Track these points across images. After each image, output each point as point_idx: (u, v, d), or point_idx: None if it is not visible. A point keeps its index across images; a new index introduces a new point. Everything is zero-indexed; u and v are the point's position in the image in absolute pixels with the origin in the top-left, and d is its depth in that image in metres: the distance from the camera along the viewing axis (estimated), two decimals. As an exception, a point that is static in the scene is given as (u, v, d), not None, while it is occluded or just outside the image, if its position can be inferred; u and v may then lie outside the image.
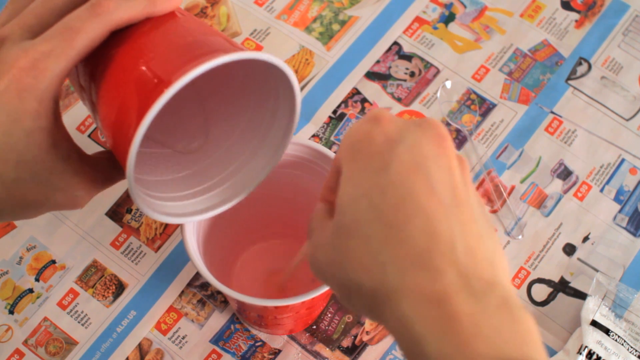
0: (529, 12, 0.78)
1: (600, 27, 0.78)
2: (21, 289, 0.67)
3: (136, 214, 0.69)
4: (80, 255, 0.68)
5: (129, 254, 0.68)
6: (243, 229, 0.64)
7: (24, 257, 0.68)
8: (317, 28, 0.77)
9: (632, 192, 0.71)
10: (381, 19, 0.78)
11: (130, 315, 0.66)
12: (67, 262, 0.68)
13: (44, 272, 0.67)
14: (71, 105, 0.73)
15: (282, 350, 0.65)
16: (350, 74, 0.75)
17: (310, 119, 0.73)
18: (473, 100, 0.74)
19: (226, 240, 0.63)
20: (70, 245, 0.68)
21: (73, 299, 0.66)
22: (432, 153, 0.39)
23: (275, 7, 0.78)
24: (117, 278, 0.67)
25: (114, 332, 0.65)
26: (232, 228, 0.63)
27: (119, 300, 0.66)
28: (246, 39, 0.77)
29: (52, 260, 0.68)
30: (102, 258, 0.68)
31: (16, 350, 0.65)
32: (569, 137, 0.73)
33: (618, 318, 0.65)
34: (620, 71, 0.76)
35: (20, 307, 0.66)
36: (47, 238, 0.68)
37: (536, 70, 0.76)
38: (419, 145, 0.39)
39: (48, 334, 0.65)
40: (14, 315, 0.66)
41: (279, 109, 0.51)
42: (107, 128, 0.46)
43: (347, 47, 0.77)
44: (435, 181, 0.38)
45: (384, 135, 0.40)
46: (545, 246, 0.69)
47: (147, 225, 0.69)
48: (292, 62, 0.76)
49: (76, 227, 0.69)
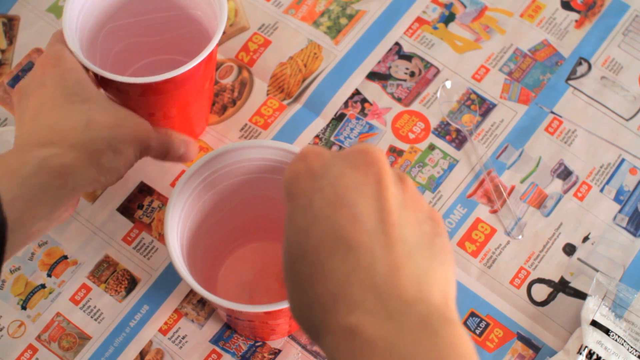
0: (529, 12, 0.78)
1: (600, 27, 0.78)
2: (33, 284, 0.67)
3: (147, 209, 0.69)
4: (92, 251, 0.68)
5: (141, 249, 0.68)
6: (226, 234, 0.64)
7: (35, 253, 0.68)
8: (325, 22, 0.77)
9: (632, 192, 0.71)
10: (388, 12, 0.78)
11: (143, 310, 0.66)
12: (79, 258, 0.68)
13: (56, 268, 0.67)
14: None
15: (282, 350, 0.65)
16: (356, 71, 0.75)
17: (320, 113, 0.73)
18: (473, 100, 0.74)
19: (209, 249, 0.63)
20: (81, 241, 0.68)
21: (85, 294, 0.67)
22: (356, 182, 0.40)
23: (282, 2, 0.78)
24: (129, 273, 0.67)
25: (127, 327, 0.65)
26: (215, 235, 0.62)
27: (131, 295, 0.67)
28: (254, 33, 0.77)
29: (64, 255, 0.68)
30: (114, 253, 0.68)
31: (29, 345, 0.65)
32: (569, 137, 0.73)
33: (618, 318, 0.65)
34: (620, 71, 0.76)
35: (33, 302, 0.66)
36: (59, 234, 0.68)
37: (536, 70, 0.76)
38: (341, 177, 0.40)
39: (61, 329, 0.65)
40: (26, 310, 0.66)
41: None
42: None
43: (355, 41, 0.77)
44: (358, 210, 0.39)
45: (309, 173, 0.41)
46: (545, 246, 0.69)
47: (158, 220, 0.69)
48: (300, 56, 0.76)
49: (87, 223, 0.69)
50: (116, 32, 0.68)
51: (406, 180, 0.41)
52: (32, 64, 0.74)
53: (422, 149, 0.72)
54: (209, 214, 0.60)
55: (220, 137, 0.72)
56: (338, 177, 0.40)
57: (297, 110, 0.74)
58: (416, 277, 0.38)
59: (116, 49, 0.69)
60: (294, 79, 0.75)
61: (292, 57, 0.76)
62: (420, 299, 0.37)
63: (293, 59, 0.76)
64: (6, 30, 0.76)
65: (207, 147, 0.72)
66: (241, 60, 0.76)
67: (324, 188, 0.40)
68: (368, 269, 0.37)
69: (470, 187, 0.71)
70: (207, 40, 0.61)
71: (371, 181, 0.40)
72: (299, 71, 0.75)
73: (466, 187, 0.71)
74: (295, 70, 0.75)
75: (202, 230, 0.60)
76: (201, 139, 0.72)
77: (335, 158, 0.41)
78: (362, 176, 0.40)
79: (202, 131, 0.72)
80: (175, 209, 0.55)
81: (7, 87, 0.74)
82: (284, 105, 0.74)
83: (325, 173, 0.40)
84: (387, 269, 0.37)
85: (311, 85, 0.75)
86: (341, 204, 0.39)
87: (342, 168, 0.40)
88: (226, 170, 0.58)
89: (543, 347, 0.65)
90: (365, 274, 0.37)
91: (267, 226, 0.64)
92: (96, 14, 0.65)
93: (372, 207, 0.39)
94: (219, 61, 0.75)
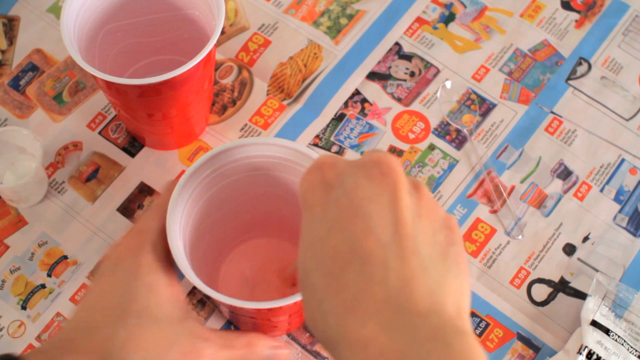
0: (529, 12, 0.78)
1: (600, 27, 0.77)
2: (33, 284, 0.67)
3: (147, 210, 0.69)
4: (92, 251, 0.68)
5: (140, 250, 0.68)
6: (228, 231, 0.64)
7: (35, 253, 0.68)
8: (325, 22, 0.77)
9: (632, 192, 0.71)
10: (388, 12, 0.78)
11: (141, 310, 0.66)
12: (78, 258, 0.68)
13: (55, 268, 0.67)
14: (81, 102, 0.73)
15: (282, 350, 0.65)
16: (356, 71, 0.75)
17: (320, 113, 0.73)
18: (473, 100, 0.74)
19: (212, 245, 0.63)
20: (81, 241, 0.68)
21: (86, 294, 0.67)
22: (372, 192, 0.40)
23: (282, 2, 0.78)
24: (129, 273, 0.67)
25: (126, 328, 0.65)
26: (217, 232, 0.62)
27: (129, 295, 0.66)
28: (254, 33, 0.77)
29: (64, 255, 0.68)
30: (114, 254, 0.68)
31: (29, 345, 0.65)
32: (569, 137, 0.73)
33: (618, 318, 0.65)
34: (620, 71, 0.76)
35: (33, 302, 0.66)
36: (59, 234, 0.68)
37: (536, 70, 0.76)
38: (357, 187, 0.40)
39: (61, 329, 0.65)
40: (26, 310, 0.66)
41: None
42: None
43: (356, 41, 0.77)
44: (373, 222, 0.39)
45: (324, 184, 0.41)
46: (545, 246, 0.69)
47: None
48: (300, 56, 0.76)
49: (87, 223, 0.69)
50: (115, 33, 0.68)
51: (422, 188, 0.41)
52: (32, 65, 0.75)
53: (422, 149, 0.72)
54: (211, 212, 0.60)
55: (220, 137, 0.72)
56: (353, 187, 0.40)
57: (297, 110, 0.74)
58: (429, 290, 0.38)
59: (115, 50, 0.69)
60: (294, 79, 0.75)
61: (292, 57, 0.76)
62: (433, 311, 0.38)
63: (293, 59, 0.76)
64: (6, 31, 0.76)
65: (207, 147, 0.72)
66: (241, 60, 0.76)
67: (339, 199, 0.40)
68: (382, 281, 0.38)
69: (470, 187, 0.71)
70: (205, 41, 0.61)
71: (386, 191, 0.40)
72: (299, 71, 0.75)
73: (466, 187, 0.71)
74: (295, 70, 0.75)
75: (204, 227, 0.60)
76: (201, 139, 0.72)
77: (350, 168, 0.41)
78: (377, 186, 0.40)
79: (202, 131, 0.72)
80: (177, 207, 0.55)
81: (8, 88, 0.74)
82: (284, 105, 0.74)
83: (340, 183, 0.41)
84: (401, 282, 0.38)
85: (311, 85, 0.75)
86: (356, 214, 0.39)
87: (357, 178, 0.40)
88: (228, 168, 0.58)
89: (543, 347, 0.65)
90: (379, 286, 0.38)
91: (269, 223, 0.64)
92: (94, 15, 0.65)
93: (386, 219, 0.39)
94: (219, 61, 0.75)
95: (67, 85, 0.74)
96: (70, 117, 0.73)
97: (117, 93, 0.62)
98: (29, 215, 0.69)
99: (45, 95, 0.73)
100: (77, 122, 0.73)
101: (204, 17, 0.66)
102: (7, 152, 0.68)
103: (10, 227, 0.69)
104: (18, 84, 0.74)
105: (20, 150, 0.68)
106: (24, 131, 0.67)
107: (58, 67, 0.74)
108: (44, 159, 0.71)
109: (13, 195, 0.67)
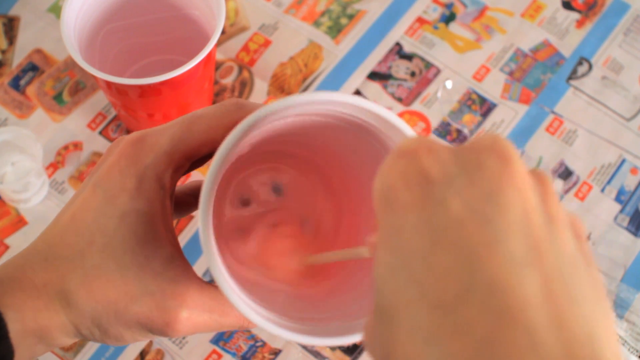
0: (530, 12, 0.78)
1: (601, 27, 0.77)
2: (28, 287, 0.67)
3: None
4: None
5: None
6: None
7: (31, 254, 0.68)
8: (326, 22, 0.77)
9: (633, 192, 0.71)
10: (389, 12, 0.78)
11: (144, 308, 0.66)
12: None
13: (53, 269, 0.67)
14: (81, 102, 0.73)
15: (282, 350, 0.65)
16: (357, 71, 0.75)
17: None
18: (474, 100, 0.74)
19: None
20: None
21: (83, 295, 0.66)
22: (493, 188, 0.29)
23: (283, 2, 0.78)
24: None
25: (125, 327, 0.65)
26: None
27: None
28: (255, 33, 0.77)
29: None
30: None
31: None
32: (570, 137, 0.73)
33: (619, 318, 0.65)
34: (621, 71, 0.76)
35: (26, 305, 0.66)
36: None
37: (537, 70, 0.76)
38: (473, 183, 0.29)
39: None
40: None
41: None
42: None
43: (356, 41, 0.77)
44: (499, 230, 0.28)
45: (423, 177, 0.30)
46: (546, 246, 0.69)
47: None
48: (301, 56, 0.76)
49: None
50: (115, 33, 0.68)
51: (545, 181, 0.30)
52: (32, 64, 0.75)
53: (423, 149, 0.72)
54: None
55: (220, 137, 0.72)
56: (468, 183, 0.29)
57: (297, 110, 0.74)
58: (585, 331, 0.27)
59: (115, 49, 0.69)
60: (294, 79, 0.75)
61: (292, 57, 0.76)
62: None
63: (293, 59, 0.76)
64: (6, 31, 0.76)
65: (208, 147, 0.72)
66: (241, 60, 0.76)
67: (450, 200, 0.28)
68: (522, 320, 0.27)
69: (471, 187, 0.71)
70: (206, 41, 0.61)
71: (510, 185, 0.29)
72: (299, 71, 0.75)
73: (467, 187, 0.71)
74: (296, 70, 0.75)
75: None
76: (201, 139, 0.72)
77: (457, 155, 0.30)
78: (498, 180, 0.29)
79: (203, 131, 0.72)
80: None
81: (8, 88, 0.74)
82: (284, 106, 0.74)
83: (446, 178, 0.29)
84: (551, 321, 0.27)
85: (312, 85, 0.75)
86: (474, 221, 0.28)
87: (473, 170, 0.29)
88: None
89: (543, 347, 0.65)
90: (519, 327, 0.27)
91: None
92: (95, 15, 0.65)
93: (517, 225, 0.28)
94: (219, 61, 0.75)
95: (67, 85, 0.74)
96: (71, 117, 0.73)
97: (117, 93, 0.62)
98: (29, 215, 0.69)
99: (46, 95, 0.73)
100: (77, 122, 0.73)
101: (204, 17, 0.66)
102: (7, 152, 0.68)
103: (10, 227, 0.69)
104: (18, 84, 0.74)
105: (20, 150, 0.68)
106: (24, 131, 0.67)
107: (58, 67, 0.74)
108: (44, 159, 0.71)
109: (13, 195, 0.67)
